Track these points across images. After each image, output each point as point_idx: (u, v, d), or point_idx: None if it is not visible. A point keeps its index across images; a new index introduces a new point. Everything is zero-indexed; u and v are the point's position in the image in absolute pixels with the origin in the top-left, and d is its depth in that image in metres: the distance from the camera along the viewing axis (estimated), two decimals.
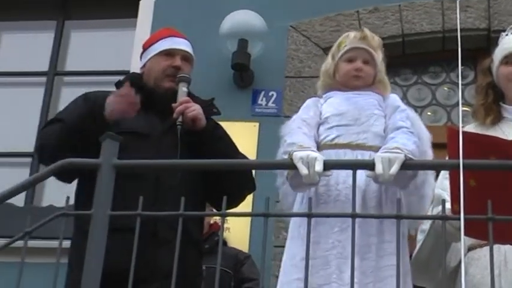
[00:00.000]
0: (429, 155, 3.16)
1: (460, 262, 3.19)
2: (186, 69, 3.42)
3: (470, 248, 3.20)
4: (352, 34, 3.39)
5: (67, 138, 3.16)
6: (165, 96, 3.36)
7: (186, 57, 3.46)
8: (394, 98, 3.34)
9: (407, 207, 3.08)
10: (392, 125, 3.17)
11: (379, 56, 3.36)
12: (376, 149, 3.11)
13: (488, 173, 2.65)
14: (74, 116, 3.23)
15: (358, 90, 3.31)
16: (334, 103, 3.27)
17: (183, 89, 3.34)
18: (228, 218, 3.69)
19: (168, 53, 3.45)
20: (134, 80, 3.39)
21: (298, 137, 3.11)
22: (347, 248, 2.85)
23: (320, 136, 3.21)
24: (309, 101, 3.37)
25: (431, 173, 3.18)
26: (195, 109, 3.24)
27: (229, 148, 3.31)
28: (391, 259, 2.97)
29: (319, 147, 3.15)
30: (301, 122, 3.22)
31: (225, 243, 4.81)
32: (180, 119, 3.24)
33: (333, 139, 3.17)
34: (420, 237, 3.37)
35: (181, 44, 3.49)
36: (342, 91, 3.32)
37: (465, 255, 3.12)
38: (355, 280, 2.74)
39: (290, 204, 3.23)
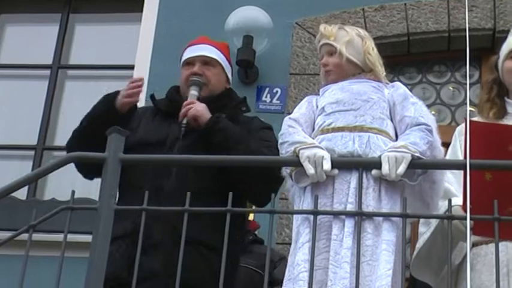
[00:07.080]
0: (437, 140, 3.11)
1: (463, 259, 3.18)
2: (207, 73, 3.47)
3: (475, 244, 3.18)
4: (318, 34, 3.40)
5: (82, 139, 3.30)
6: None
7: (206, 61, 3.51)
8: (402, 86, 3.30)
9: (419, 193, 3.05)
10: (411, 120, 3.11)
11: (344, 42, 3.31)
12: (376, 130, 3.09)
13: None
14: (89, 114, 3.38)
15: (351, 79, 3.28)
16: (330, 94, 3.26)
17: (191, 92, 3.43)
18: None
19: (188, 63, 3.52)
20: (169, 92, 3.56)
21: (298, 136, 3.10)
22: (342, 230, 2.87)
23: (317, 125, 3.19)
24: (304, 99, 3.37)
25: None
26: (195, 108, 3.31)
27: (228, 140, 3.25)
28: (386, 235, 2.90)
29: (316, 134, 3.15)
30: (290, 121, 3.22)
31: (261, 242, 4.60)
32: (184, 121, 3.33)
33: (330, 124, 3.14)
34: (423, 229, 3.35)
35: (199, 51, 3.54)
36: (337, 83, 3.29)
37: (470, 251, 3.09)
38: (347, 260, 2.75)
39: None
